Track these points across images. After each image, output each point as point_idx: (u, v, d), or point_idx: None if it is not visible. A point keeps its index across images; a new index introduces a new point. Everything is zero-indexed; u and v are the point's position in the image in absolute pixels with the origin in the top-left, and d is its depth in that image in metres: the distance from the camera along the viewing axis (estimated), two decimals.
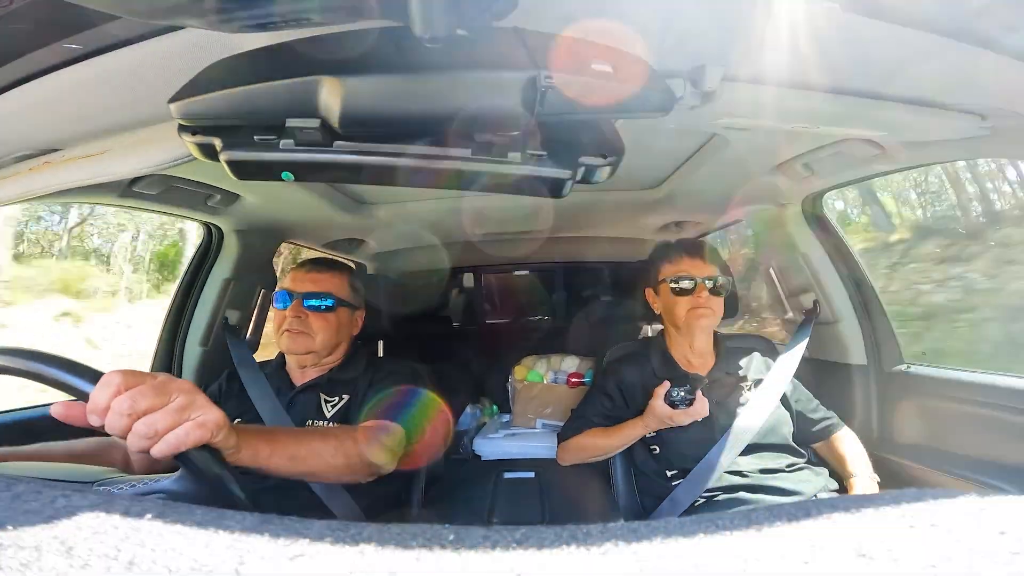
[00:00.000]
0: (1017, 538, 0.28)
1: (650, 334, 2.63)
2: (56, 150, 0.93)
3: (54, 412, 0.62)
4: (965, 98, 0.85)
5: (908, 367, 1.56)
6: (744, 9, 0.63)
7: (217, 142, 0.57)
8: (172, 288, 1.78)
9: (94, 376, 0.63)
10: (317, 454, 0.89)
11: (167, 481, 0.70)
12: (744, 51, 0.71)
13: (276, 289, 1.37)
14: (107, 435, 0.63)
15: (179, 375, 1.69)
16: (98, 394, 0.61)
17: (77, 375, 0.62)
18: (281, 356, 1.41)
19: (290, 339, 1.30)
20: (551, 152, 0.59)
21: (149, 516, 0.33)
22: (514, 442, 2.02)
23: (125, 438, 0.62)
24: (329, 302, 1.33)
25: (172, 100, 0.53)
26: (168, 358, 1.69)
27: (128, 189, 1.22)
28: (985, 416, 1.29)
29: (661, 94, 0.55)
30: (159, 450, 0.62)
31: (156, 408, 0.62)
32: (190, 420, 0.64)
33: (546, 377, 2.23)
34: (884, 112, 0.86)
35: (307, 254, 2.37)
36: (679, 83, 0.76)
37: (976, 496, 0.33)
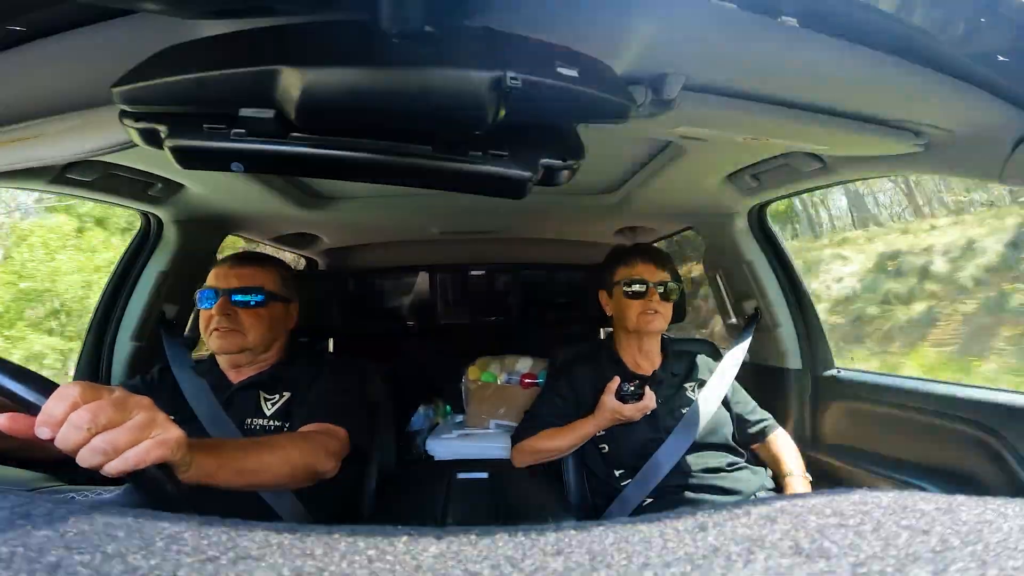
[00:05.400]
0: (939, 536, 0.29)
1: (603, 336, 2.68)
2: None
3: None
4: (901, 115, 0.89)
5: (839, 371, 1.66)
6: (707, 20, 0.65)
7: (163, 129, 0.54)
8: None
9: (46, 386, 0.59)
10: (265, 467, 0.88)
11: (111, 496, 0.66)
12: (704, 61, 0.73)
13: (200, 288, 1.28)
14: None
15: (108, 370, 1.60)
16: (53, 406, 0.58)
17: (29, 385, 0.59)
18: (213, 355, 1.34)
19: (220, 338, 1.23)
20: (512, 152, 0.60)
21: (75, 519, 0.30)
22: (467, 442, 2.00)
23: (75, 453, 0.59)
24: (259, 297, 1.26)
25: (116, 85, 0.50)
26: (96, 353, 1.59)
27: (61, 175, 1.14)
28: (905, 418, 1.39)
29: (623, 100, 0.56)
30: (115, 467, 0.60)
31: (116, 424, 0.60)
32: (151, 438, 0.62)
33: (500, 378, 2.22)
34: (827, 127, 0.90)
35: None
36: (640, 90, 0.78)
37: (899, 494, 0.35)
